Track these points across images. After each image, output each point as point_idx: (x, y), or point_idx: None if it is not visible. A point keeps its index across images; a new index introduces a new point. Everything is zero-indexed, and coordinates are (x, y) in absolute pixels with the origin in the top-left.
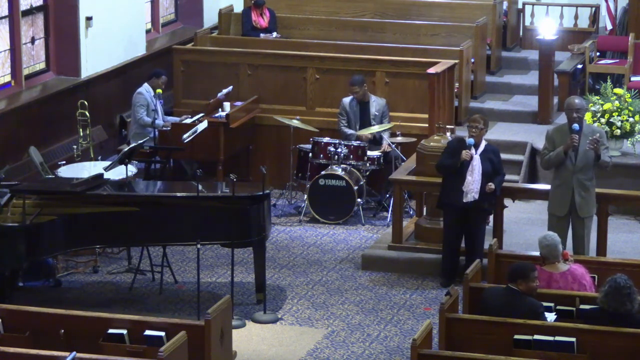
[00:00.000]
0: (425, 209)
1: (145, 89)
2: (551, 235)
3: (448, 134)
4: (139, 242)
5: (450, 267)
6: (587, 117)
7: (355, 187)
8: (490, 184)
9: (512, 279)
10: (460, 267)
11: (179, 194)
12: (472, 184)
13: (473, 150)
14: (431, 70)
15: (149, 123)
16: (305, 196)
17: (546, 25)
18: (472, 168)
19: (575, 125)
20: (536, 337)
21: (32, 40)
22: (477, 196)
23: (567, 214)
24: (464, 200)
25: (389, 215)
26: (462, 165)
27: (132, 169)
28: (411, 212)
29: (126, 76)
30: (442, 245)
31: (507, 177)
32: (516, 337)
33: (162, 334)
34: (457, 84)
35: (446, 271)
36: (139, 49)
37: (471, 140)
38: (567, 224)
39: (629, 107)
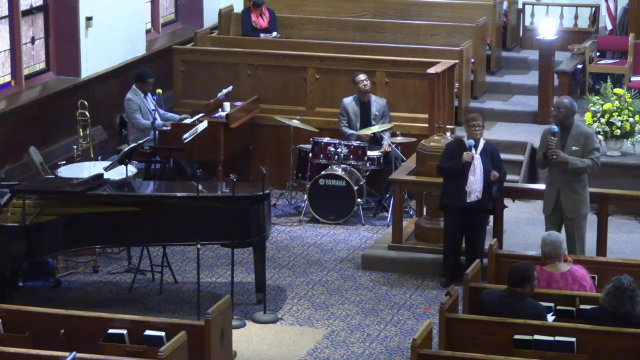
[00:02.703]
0: (425, 209)
1: (133, 93)
2: (555, 234)
3: (448, 134)
4: (139, 242)
5: (452, 268)
6: (587, 117)
7: (355, 187)
8: (494, 171)
9: (518, 284)
10: (462, 267)
11: (179, 194)
12: (475, 183)
13: (473, 151)
14: (431, 70)
15: (149, 125)
16: (305, 196)
17: (546, 25)
18: (473, 168)
19: (554, 127)
20: (536, 337)
21: (32, 40)
22: (480, 195)
23: (555, 213)
24: (468, 201)
25: (389, 215)
26: (463, 166)
27: (132, 169)
28: (411, 212)
29: (126, 76)
30: (443, 246)
31: (507, 177)
32: (516, 337)
33: (162, 334)
34: (457, 84)
35: (447, 272)
36: (139, 49)
37: (471, 142)
38: (556, 223)
39: (629, 107)
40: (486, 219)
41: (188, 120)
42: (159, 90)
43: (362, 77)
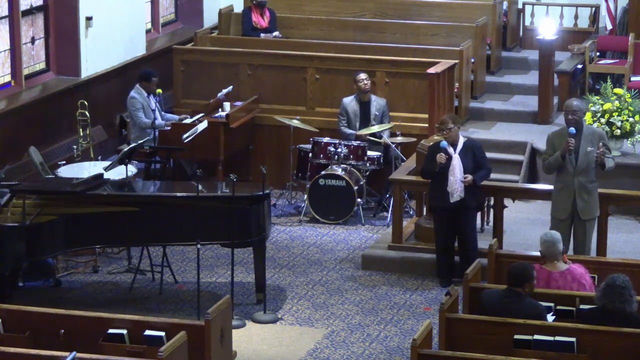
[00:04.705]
0: (425, 209)
1: (137, 91)
2: (552, 233)
3: None
4: (139, 242)
5: (447, 268)
6: (587, 117)
7: (355, 187)
8: (467, 175)
9: (518, 284)
10: (456, 267)
11: (179, 194)
12: (455, 183)
13: (451, 150)
14: (431, 70)
15: (149, 124)
16: (305, 196)
17: (546, 25)
18: (452, 168)
19: (572, 129)
20: (536, 337)
21: (32, 40)
22: (462, 194)
23: (569, 216)
24: (451, 201)
25: (389, 215)
26: (443, 168)
27: (132, 169)
28: (411, 212)
29: (126, 76)
30: (435, 247)
31: (507, 177)
32: (516, 337)
33: (162, 334)
34: (457, 84)
35: (442, 272)
36: (139, 49)
37: (444, 143)
38: (569, 227)
39: (629, 107)
40: (473, 217)
41: (188, 120)
42: (159, 90)
43: (362, 76)
